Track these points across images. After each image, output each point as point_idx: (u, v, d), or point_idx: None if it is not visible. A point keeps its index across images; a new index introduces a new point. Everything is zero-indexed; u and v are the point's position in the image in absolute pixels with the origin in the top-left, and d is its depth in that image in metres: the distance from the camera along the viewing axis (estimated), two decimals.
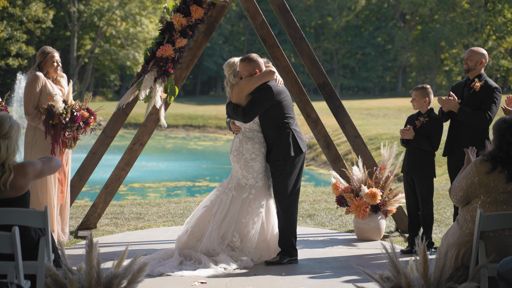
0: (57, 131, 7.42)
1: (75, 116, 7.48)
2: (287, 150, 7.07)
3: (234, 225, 7.12)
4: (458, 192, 5.37)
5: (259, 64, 7.15)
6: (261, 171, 7.21)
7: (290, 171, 7.12)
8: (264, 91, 7.05)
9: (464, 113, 7.44)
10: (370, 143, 22.26)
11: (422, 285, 4.90)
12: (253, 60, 7.13)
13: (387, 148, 8.61)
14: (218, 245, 7.03)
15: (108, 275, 4.83)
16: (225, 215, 7.15)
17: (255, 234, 7.16)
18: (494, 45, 55.63)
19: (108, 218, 9.58)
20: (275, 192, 7.19)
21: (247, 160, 7.16)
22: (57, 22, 50.09)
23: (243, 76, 7.15)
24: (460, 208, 5.44)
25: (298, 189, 7.23)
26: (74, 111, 7.50)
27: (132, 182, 18.33)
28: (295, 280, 6.51)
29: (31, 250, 5.07)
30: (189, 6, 8.07)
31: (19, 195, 5.06)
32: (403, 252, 7.62)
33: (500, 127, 5.24)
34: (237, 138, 7.25)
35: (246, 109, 7.04)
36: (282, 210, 7.17)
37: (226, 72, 7.28)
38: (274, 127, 7.13)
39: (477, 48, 7.68)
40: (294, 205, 7.21)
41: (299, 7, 62.11)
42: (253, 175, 7.18)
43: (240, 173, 7.20)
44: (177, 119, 38.07)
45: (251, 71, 7.11)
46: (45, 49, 7.67)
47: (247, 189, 7.18)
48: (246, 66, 7.11)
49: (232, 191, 7.21)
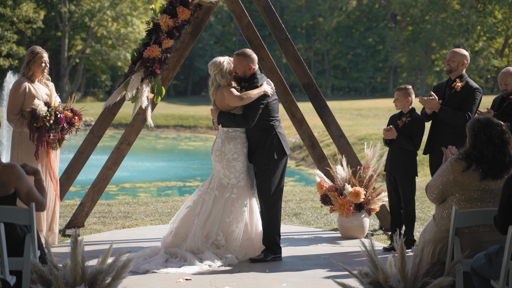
0: (41, 134, 7.50)
1: (59, 118, 7.55)
2: (271, 153, 7.20)
3: (218, 225, 7.22)
4: (434, 190, 5.51)
5: (253, 59, 7.29)
6: (243, 170, 7.32)
7: (273, 170, 7.24)
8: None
9: (444, 113, 7.57)
10: (360, 143, 22.38)
11: (399, 280, 5.03)
12: (247, 55, 7.27)
13: (370, 148, 8.74)
14: (202, 244, 7.14)
15: (92, 271, 4.94)
16: (208, 215, 7.25)
17: (239, 233, 7.27)
18: (484, 45, 55.91)
19: (96, 217, 9.68)
20: (259, 191, 7.31)
21: (229, 160, 7.26)
22: (48, 22, 50.06)
23: (237, 70, 7.27)
24: (437, 205, 5.58)
25: (281, 188, 7.35)
26: (57, 113, 7.57)
27: (123, 182, 18.40)
28: (278, 277, 6.63)
29: (17, 246, 5.17)
30: (176, 7, 8.17)
31: (5, 194, 5.18)
32: (386, 250, 7.75)
33: (474, 127, 5.39)
34: (219, 138, 7.35)
35: (248, 115, 7.14)
36: (266, 208, 7.29)
37: (211, 71, 7.34)
38: (260, 129, 7.25)
39: (459, 50, 7.82)
40: (278, 204, 7.33)
41: (290, 7, 62.22)
42: (235, 175, 7.29)
43: (222, 173, 7.31)
44: (168, 120, 38.11)
45: (245, 66, 7.25)
46: (35, 49, 7.75)
47: (229, 188, 7.29)
48: (242, 60, 7.24)
49: (214, 191, 7.31)
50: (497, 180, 5.38)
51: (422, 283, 5.05)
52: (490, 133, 5.33)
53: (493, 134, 5.33)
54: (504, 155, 5.34)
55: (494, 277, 4.90)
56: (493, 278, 4.92)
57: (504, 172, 5.36)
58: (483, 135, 5.34)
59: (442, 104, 7.69)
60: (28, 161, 7.54)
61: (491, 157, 5.32)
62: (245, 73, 7.30)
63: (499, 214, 4.95)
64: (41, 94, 7.66)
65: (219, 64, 7.30)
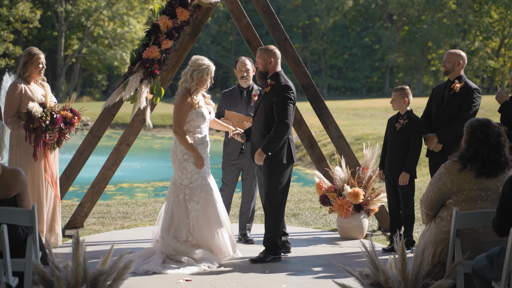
0: (38, 135, 7.49)
1: (55, 119, 7.55)
2: (281, 157, 7.22)
3: (184, 226, 7.21)
4: (429, 195, 5.54)
5: (275, 54, 7.32)
6: (196, 172, 7.25)
7: (281, 174, 7.27)
8: (291, 92, 7.25)
9: (443, 134, 7.60)
10: (357, 143, 22.41)
11: (400, 281, 5.04)
12: (269, 49, 7.33)
13: (369, 148, 8.76)
14: (175, 243, 7.13)
15: (94, 272, 4.93)
16: (170, 219, 7.26)
17: (200, 234, 7.23)
18: (481, 45, 56.00)
19: (95, 218, 9.68)
20: (266, 191, 7.30)
21: (181, 160, 7.24)
22: (44, 22, 50.00)
23: (258, 64, 7.31)
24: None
25: (287, 191, 7.38)
26: (53, 113, 7.57)
27: (120, 182, 18.39)
28: (278, 278, 6.64)
29: (19, 247, 5.18)
30: (175, 8, 8.17)
31: (7, 197, 5.20)
32: (385, 251, 7.77)
33: (472, 125, 5.47)
34: (174, 139, 7.35)
35: (281, 119, 7.11)
36: (271, 209, 7.29)
37: (190, 64, 7.27)
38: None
39: (455, 50, 7.85)
40: (283, 206, 7.35)
41: (287, 7, 62.25)
42: (187, 176, 7.25)
43: (176, 174, 7.31)
44: (164, 119, 38.05)
45: (266, 59, 7.29)
46: (32, 50, 7.75)
47: (182, 189, 7.27)
48: (262, 53, 7.31)
49: (170, 194, 7.33)
50: (492, 178, 5.42)
51: (422, 284, 5.06)
52: (487, 132, 5.39)
53: (489, 133, 5.39)
54: (500, 156, 5.39)
55: (495, 279, 4.92)
56: (494, 280, 4.93)
57: (498, 171, 5.41)
58: (480, 133, 5.40)
59: (442, 106, 7.71)
60: (27, 163, 7.54)
61: (486, 155, 5.38)
62: (266, 67, 7.31)
63: (497, 215, 4.96)
64: (37, 95, 7.66)
65: (200, 64, 7.23)
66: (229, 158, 8.27)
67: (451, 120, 7.66)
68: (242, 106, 8.24)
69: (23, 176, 5.27)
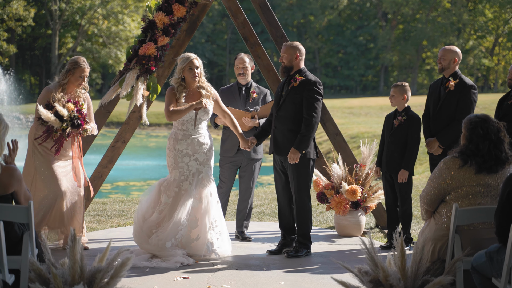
0: (61, 137, 7.39)
1: (79, 125, 7.40)
2: (310, 153, 7.31)
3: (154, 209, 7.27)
4: (429, 190, 5.52)
5: (300, 50, 7.40)
6: (175, 166, 7.27)
7: (311, 168, 7.39)
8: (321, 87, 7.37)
9: (445, 138, 7.56)
10: (352, 142, 22.42)
11: (399, 278, 5.02)
12: (294, 45, 7.41)
13: (367, 146, 8.74)
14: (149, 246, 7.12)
15: (91, 269, 4.90)
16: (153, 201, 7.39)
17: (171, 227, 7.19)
18: (475, 44, 56.13)
19: (91, 215, 9.64)
20: (298, 186, 7.33)
21: (167, 154, 7.40)
22: (39, 20, 49.88)
23: (283, 59, 7.37)
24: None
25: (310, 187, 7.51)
26: (75, 121, 7.38)
27: (116, 180, 18.36)
28: (275, 275, 6.61)
29: (15, 245, 5.14)
30: (171, 4, 8.13)
31: (3, 194, 5.16)
32: (383, 248, 7.75)
33: (471, 121, 5.44)
34: (168, 136, 7.49)
35: (311, 115, 7.19)
36: (303, 203, 7.35)
37: (179, 62, 7.32)
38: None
39: (450, 47, 7.79)
40: (310, 200, 7.45)
41: (282, 6, 62.27)
42: (169, 170, 7.37)
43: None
44: (159, 118, 38.02)
45: (292, 54, 7.35)
46: (79, 60, 7.52)
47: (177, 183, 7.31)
48: (288, 48, 7.38)
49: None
50: (492, 174, 5.41)
51: (422, 281, 5.04)
52: (487, 128, 5.38)
53: (490, 129, 5.38)
54: (500, 151, 5.38)
55: (495, 275, 4.89)
56: (494, 276, 4.91)
57: (499, 167, 5.39)
58: (480, 129, 5.38)
59: (438, 105, 7.67)
60: (44, 169, 7.38)
61: (486, 151, 5.36)
62: (291, 62, 7.36)
63: (497, 214, 4.92)
64: (60, 108, 7.34)
65: (188, 58, 7.30)
66: (226, 155, 8.24)
67: (449, 118, 7.60)
68: (240, 103, 8.21)
69: (18, 173, 5.23)
